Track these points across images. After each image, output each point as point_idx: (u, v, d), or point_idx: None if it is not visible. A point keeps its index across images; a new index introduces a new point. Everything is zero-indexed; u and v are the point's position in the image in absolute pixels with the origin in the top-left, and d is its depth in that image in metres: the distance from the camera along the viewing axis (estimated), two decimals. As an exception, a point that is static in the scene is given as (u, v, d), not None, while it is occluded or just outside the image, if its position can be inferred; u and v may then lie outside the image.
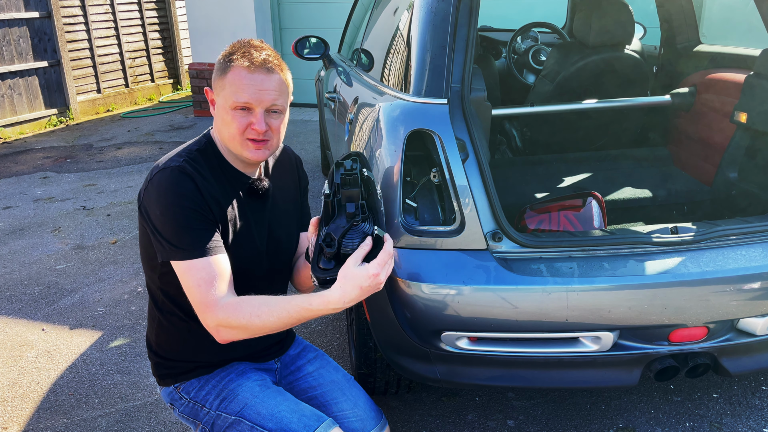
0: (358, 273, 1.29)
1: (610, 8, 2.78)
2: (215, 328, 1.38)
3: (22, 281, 3.44)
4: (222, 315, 1.36)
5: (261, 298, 1.39)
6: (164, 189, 1.39)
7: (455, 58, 1.88)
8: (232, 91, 1.42)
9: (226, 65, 1.44)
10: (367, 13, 3.25)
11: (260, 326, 1.35)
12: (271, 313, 1.34)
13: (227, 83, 1.43)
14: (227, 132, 1.45)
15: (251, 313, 1.35)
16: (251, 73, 1.42)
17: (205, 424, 1.53)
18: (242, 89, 1.41)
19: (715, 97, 2.68)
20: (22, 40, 6.93)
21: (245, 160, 1.49)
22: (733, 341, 1.76)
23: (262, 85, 1.42)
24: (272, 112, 1.46)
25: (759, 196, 2.39)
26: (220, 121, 1.46)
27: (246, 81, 1.41)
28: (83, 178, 5.33)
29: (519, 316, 1.68)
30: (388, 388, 2.24)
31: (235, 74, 1.42)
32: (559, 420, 2.23)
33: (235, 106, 1.42)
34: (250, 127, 1.43)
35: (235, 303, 1.37)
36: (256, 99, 1.42)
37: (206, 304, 1.37)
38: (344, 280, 1.30)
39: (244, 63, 1.42)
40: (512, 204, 2.32)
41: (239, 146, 1.46)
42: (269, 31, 7.23)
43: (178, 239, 1.38)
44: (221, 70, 1.45)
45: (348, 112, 2.53)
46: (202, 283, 1.37)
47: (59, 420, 2.31)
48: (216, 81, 1.46)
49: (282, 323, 1.36)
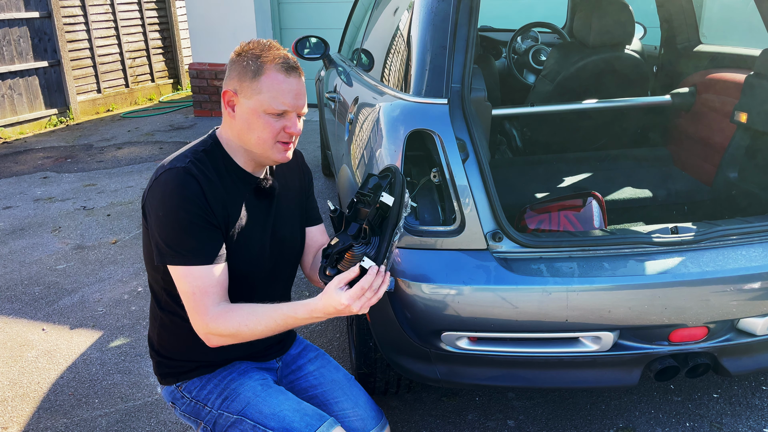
0: (335, 296, 1.31)
1: (610, 8, 2.78)
2: (205, 335, 1.42)
3: (22, 281, 3.44)
4: (212, 323, 1.39)
5: (250, 307, 1.41)
6: (169, 190, 1.39)
7: (455, 58, 1.88)
8: (272, 97, 1.39)
9: (259, 67, 1.40)
10: (367, 13, 3.25)
11: (249, 334, 1.39)
12: (259, 322, 1.38)
13: (264, 87, 1.39)
14: (256, 137, 1.43)
15: (240, 322, 1.38)
16: (288, 77, 1.41)
17: (207, 423, 1.53)
18: (283, 95, 1.40)
19: (716, 97, 2.68)
20: (22, 40, 6.93)
21: (272, 162, 1.49)
22: (733, 341, 1.76)
23: (298, 89, 1.43)
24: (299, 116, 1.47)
25: (759, 196, 2.39)
26: (247, 126, 1.43)
27: (285, 86, 1.40)
28: (83, 178, 5.33)
29: (519, 316, 1.68)
30: (388, 388, 2.24)
31: (272, 78, 1.39)
32: (559, 420, 2.23)
33: (272, 112, 1.41)
34: (284, 130, 1.43)
35: (225, 312, 1.39)
36: (293, 105, 1.42)
37: (198, 311, 1.40)
38: (325, 297, 1.32)
39: (280, 66, 1.40)
40: (512, 204, 2.32)
41: (269, 149, 1.45)
42: (269, 31, 7.22)
43: (177, 244, 1.38)
44: (254, 72, 1.40)
45: (348, 112, 2.53)
46: (196, 290, 1.39)
47: (59, 420, 2.32)
48: (243, 82, 1.41)
49: (270, 331, 1.40)
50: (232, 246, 1.47)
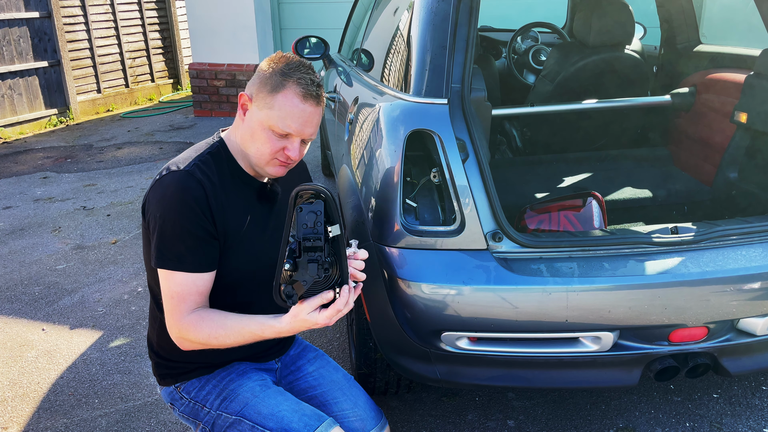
0: (309, 320, 1.27)
1: (610, 8, 2.78)
2: (177, 339, 1.43)
3: (22, 281, 3.44)
4: (183, 330, 1.40)
5: (221, 318, 1.39)
6: (170, 193, 1.39)
7: (455, 58, 1.88)
8: (280, 117, 1.39)
9: (279, 83, 1.40)
10: (367, 13, 3.25)
11: (218, 345, 1.40)
12: (227, 336, 1.38)
13: (277, 105, 1.39)
14: (255, 148, 1.44)
15: (209, 333, 1.38)
16: (303, 103, 1.40)
17: (206, 423, 1.53)
18: (291, 118, 1.40)
19: (715, 97, 2.68)
20: (22, 40, 6.93)
21: (264, 173, 1.49)
22: (733, 341, 1.76)
23: (310, 117, 1.42)
24: (302, 141, 1.46)
25: (759, 196, 2.39)
26: (250, 134, 1.44)
27: (297, 110, 1.39)
28: (83, 178, 5.33)
29: (519, 316, 1.68)
30: (388, 388, 2.24)
31: (287, 99, 1.39)
32: (559, 420, 2.23)
33: (276, 131, 1.41)
34: (283, 151, 1.43)
35: (197, 320, 1.39)
36: (299, 130, 1.41)
37: (173, 315, 1.41)
38: (295, 319, 1.28)
39: (299, 90, 1.39)
40: (512, 204, 2.32)
41: (264, 163, 1.46)
42: (269, 31, 7.22)
43: (167, 247, 1.39)
44: (274, 86, 1.40)
45: (348, 112, 2.53)
46: (175, 295, 1.40)
47: (59, 420, 2.31)
48: (262, 93, 1.41)
49: (238, 344, 1.40)
50: (232, 248, 1.47)
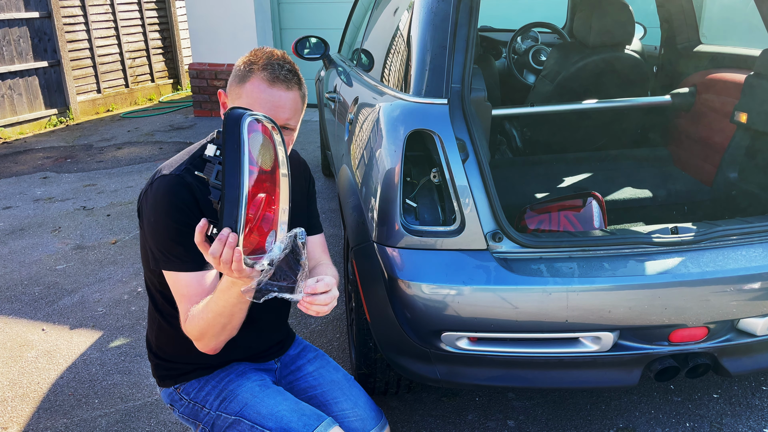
0: None
1: (610, 8, 2.78)
2: (196, 344, 1.41)
3: (22, 281, 3.44)
4: (188, 328, 1.40)
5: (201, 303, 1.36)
6: (160, 196, 1.39)
7: (455, 58, 1.88)
8: (248, 103, 1.40)
9: (246, 74, 1.41)
10: (367, 13, 3.25)
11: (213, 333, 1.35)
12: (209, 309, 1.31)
13: (244, 93, 1.41)
14: None
15: (200, 318, 1.35)
16: (270, 87, 1.40)
17: (205, 424, 1.53)
18: (258, 103, 1.40)
19: (716, 97, 2.68)
20: (22, 40, 6.93)
21: None
22: (733, 341, 1.76)
23: (279, 101, 1.41)
24: (283, 128, 1.45)
25: (759, 196, 2.39)
26: None
27: (264, 95, 1.40)
28: (83, 178, 5.33)
29: (519, 317, 1.68)
30: (388, 388, 2.24)
31: (254, 85, 1.40)
32: (559, 420, 2.23)
33: None
34: None
35: (190, 316, 1.39)
36: (273, 117, 1.40)
37: (182, 317, 1.41)
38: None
39: (265, 75, 1.40)
40: (512, 204, 2.32)
41: None
42: (269, 31, 7.22)
43: (167, 249, 1.39)
44: (240, 78, 1.42)
45: (348, 112, 2.53)
46: (182, 298, 1.40)
47: (59, 420, 2.31)
48: (232, 87, 1.44)
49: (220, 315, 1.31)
50: None
